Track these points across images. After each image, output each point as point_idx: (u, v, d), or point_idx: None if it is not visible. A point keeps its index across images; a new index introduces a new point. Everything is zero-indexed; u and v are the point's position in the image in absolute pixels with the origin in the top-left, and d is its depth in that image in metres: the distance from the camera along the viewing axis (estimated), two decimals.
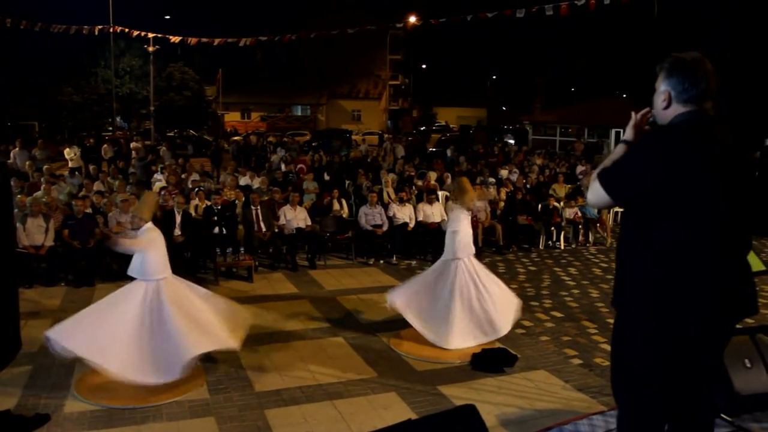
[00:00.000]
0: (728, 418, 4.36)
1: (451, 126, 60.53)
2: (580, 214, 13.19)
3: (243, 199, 11.74)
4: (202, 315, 6.17)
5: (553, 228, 13.00)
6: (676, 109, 2.90)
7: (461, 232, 7.24)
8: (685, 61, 2.89)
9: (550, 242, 13.03)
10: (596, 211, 13.11)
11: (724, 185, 2.77)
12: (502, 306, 7.16)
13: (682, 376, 2.93)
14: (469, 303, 7.02)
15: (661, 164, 2.74)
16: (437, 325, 7.01)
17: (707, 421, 3.06)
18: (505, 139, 40.16)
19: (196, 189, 12.28)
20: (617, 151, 3.04)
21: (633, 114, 3.15)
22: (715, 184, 2.75)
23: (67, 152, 19.67)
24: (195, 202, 11.36)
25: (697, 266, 2.77)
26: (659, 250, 2.79)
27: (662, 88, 2.94)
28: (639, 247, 2.87)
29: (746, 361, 4.45)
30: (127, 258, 6.42)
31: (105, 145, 22.76)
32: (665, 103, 2.93)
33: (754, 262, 3.56)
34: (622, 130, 3.09)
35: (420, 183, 15.01)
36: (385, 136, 38.06)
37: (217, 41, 26.21)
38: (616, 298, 3.02)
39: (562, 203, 13.38)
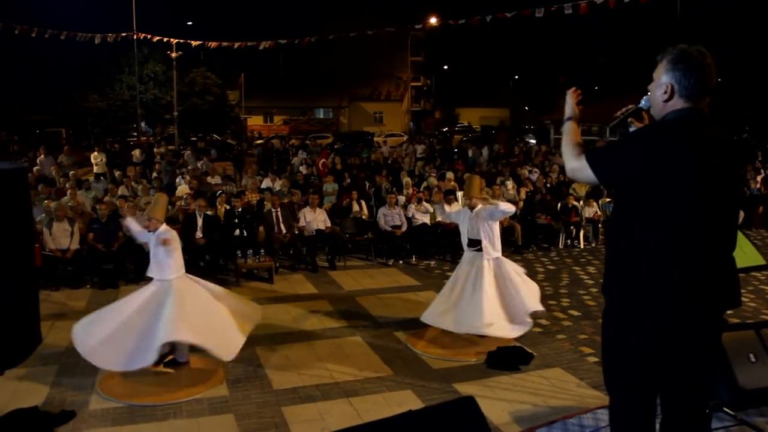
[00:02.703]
0: (731, 413, 4.38)
1: (473, 126, 60.42)
2: (599, 212, 13.18)
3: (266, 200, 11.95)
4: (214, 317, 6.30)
5: (572, 227, 13.00)
6: (676, 103, 2.87)
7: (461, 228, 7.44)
8: (690, 54, 2.83)
9: (569, 241, 13.03)
10: None
11: (712, 185, 2.78)
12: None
13: (672, 371, 2.96)
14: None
15: (649, 160, 2.75)
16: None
17: (699, 415, 3.10)
18: (527, 139, 40.05)
19: (219, 192, 12.46)
20: (566, 130, 3.19)
21: (571, 93, 3.29)
22: (703, 184, 2.76)
23: (94, 156, 20.03)
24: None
25: (684, 263, 2.79)
26: (647, 246, 2.82)
27: (664, 79, 2.88)
28: (627, 242, 2.90)
29: (751, 355, 4.46)
30: (144, 261, 6.56)
31: (136, 150, 23.14)
32: (666, 95, 2.88)
33: (755, 257, 3.60)
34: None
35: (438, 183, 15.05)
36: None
37: (236, 44, 26.49)
38: (608, 290, 3.07)
39: (581, 202, 13.37)
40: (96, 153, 20.15)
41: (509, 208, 7.27)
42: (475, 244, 7.25)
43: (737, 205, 2.98)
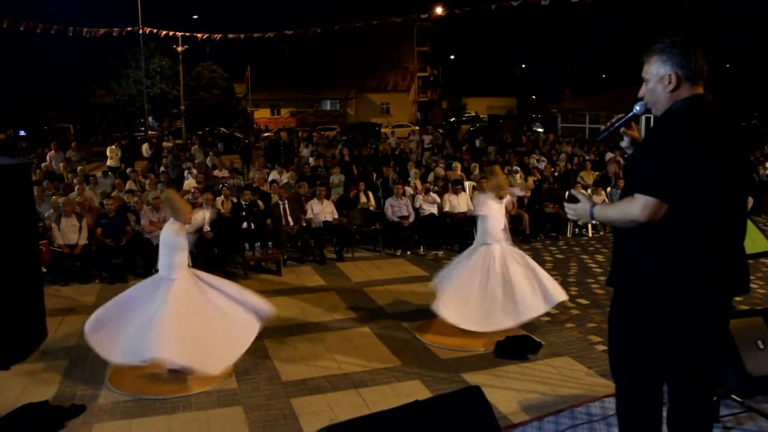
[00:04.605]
0: (739, 399, 4.37)
1: (481, 116, 60.25)
2: (607, 201, 13.12)
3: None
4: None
5: None
6: (682, 91, 2.88)
7: (488, 217, 7.31)
8: (681, 41, 2.88)
9: (577, 230, 13.00)
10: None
11: (730, 173, 2.79)
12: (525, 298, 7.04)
13: (679, 360, 2.96)
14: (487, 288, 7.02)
15: (677, 158, 2.72)
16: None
17: (707, 403, 3.10)
18: (534, 128, 39.96)
19: (221, 186, 12.45)
20: (601, 213, 3.06)
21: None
22: (712, 172, 2.75)
23: (111, 150, 20.39)
24: (221, 198, 11.54)
25: (694, 252, 2.79)
26: (656, 235, 2.81)
27: (663, 71, 2.90)
28: (636, 232, 2.87)
29: (759, 342, 4.43)
30: (151, 255, 6.57)
31: (145, 145, 23.27)
32: (672, 85, 2.88)
33: (763, 243, 3.59)
34: (652, 117, 3.10)
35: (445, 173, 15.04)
36: (415, 128, 38.13)
37: (242, 36, 26.56)
38: (616, 279, 3.07)
39: (589, 190, 13.33)
40: (114, 147, 20.58)
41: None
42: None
43: (746, 191, 2.97)
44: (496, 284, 6.97)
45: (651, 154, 2.82)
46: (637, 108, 3.10)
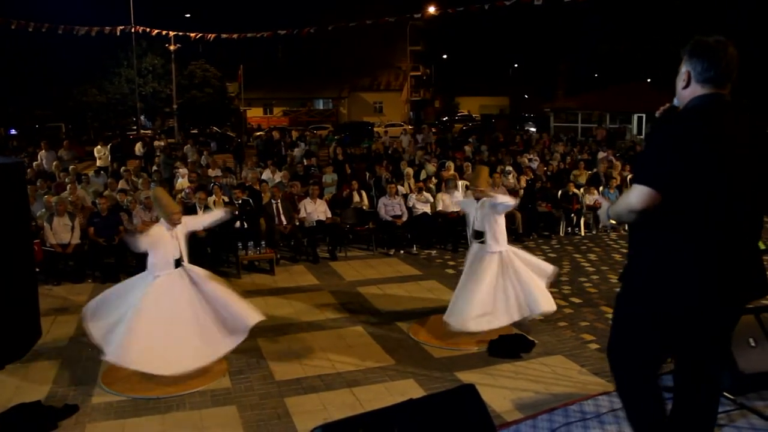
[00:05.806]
0: (731, 397, 4.40)
1: (473, 115, 60.29)
2: (600, 200, 13.17)
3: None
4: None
5: (573, 215, 12.99)
6: (695, 89, 2.94)
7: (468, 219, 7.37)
8: (707, 42, 2.93)
9: (570, 229, 13.03)
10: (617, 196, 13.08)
11: (735, 174, 2.80)
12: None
13: (683, 357, 2.98)
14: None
15: (678, 153, 2.75)
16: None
17: (711, 400, 3.11)
18: (527, 127, 40.05)
19: (212, 185, 12.40)
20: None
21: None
22: (726, 172, 2.77)
23: (98, 150, 20.19)
24: (213, 198, 11.49)
25: (709, 254, 2.81)
26: (670, 237, 2.83)
27: (682, 69, 3.00)
28: (649, 230, 2.90)
29: (751, 340, 4.47)
30: (144, 255, 6.53)
31: (138, 144, 23.18)
32: (684, 82, 2.98)
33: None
34: (644, 116, 3.14)
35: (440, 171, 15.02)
36: (407, 127, 38.12)
37: (235, 36, 26.51)
38: (623, 276, 3.10)
39: (582, 190, 13.36)
40: (99, 147, 20.35)
41: (509, 201, 7.20)
42: (480, 236, 7.20)
43: (761, 191, 2.96)
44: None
45: (650, 146, 2.91)
46: (676, 101, 3.15)
